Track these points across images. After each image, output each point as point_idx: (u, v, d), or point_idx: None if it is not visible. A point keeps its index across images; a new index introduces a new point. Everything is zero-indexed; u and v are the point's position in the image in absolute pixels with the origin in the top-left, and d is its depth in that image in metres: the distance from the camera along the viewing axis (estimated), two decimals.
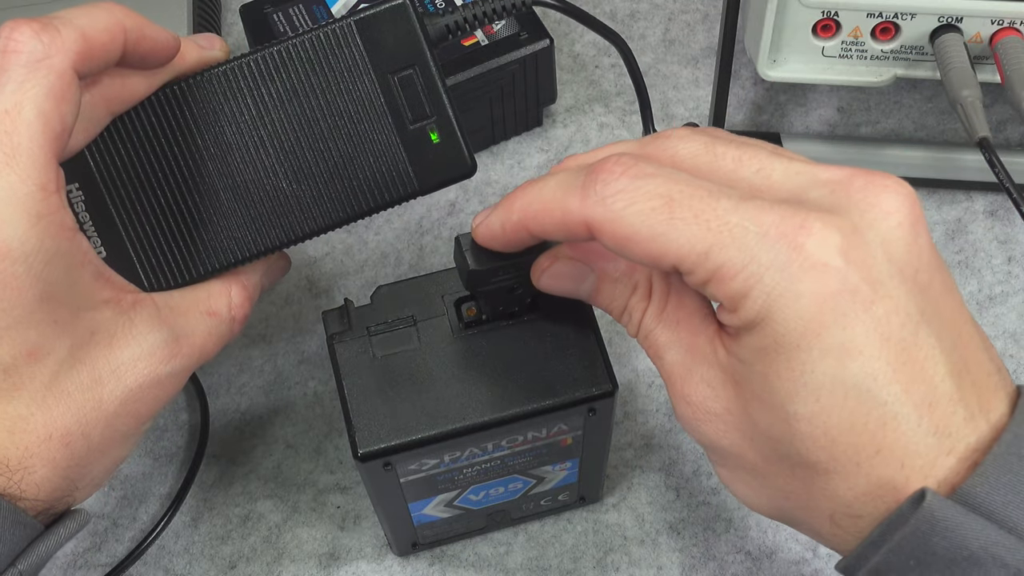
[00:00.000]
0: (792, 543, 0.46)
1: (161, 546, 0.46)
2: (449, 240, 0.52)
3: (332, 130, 0.37)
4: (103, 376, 0.34)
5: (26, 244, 0.31)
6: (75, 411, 0.34)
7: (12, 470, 0.33)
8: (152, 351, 0.35)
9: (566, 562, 0.46)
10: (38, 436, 0.33)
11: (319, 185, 0.37)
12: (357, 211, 0.38)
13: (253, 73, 0.37)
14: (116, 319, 0.35)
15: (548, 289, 0.35)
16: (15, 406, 0.33)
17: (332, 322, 0.39)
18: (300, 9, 0.53)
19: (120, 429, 0.35)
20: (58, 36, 0.32)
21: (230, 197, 0.37)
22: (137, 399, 0.35)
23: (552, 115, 0.56)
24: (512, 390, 0.37)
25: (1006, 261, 0.52)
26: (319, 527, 0.47)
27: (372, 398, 0.37)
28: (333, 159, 0.37)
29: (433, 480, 0.40)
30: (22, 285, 0.31)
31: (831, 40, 0.46)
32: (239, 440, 0.49)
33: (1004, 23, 0.44)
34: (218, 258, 0.38)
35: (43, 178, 0.31)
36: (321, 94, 0.37)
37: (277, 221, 0.38)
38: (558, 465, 0.42)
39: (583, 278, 0.34)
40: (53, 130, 0.32)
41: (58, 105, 0.32)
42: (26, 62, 0.31)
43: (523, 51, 0.51)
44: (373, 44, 0.37)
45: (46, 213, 0.31)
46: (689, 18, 0.59)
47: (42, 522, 0.34)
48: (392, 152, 0.37)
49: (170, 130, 0.37)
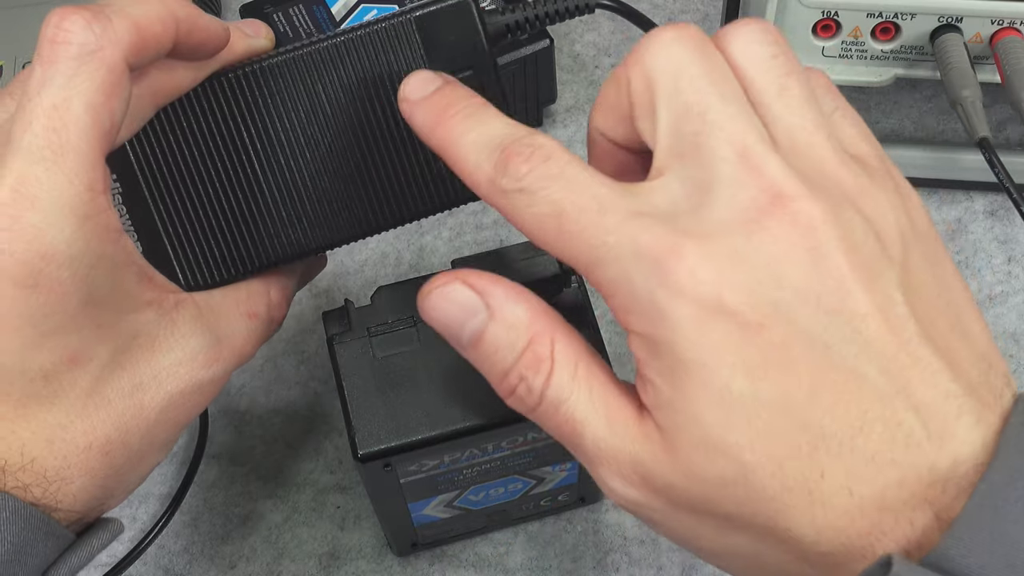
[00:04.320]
0: None
1: (161, 546, 0.46)
2: (449, 240, 0.52)
3: (384, 131, 0.35)
4: (144, 382, 0.33)
5: (72, 247, 0.29)
6: (115, 419, 0.33)
7: (49, 480, 0.31)
8: (194, 355, 0.34)
9: (566, 562, 0.46)
10: (77, 446, 0.32)
11: (368, 187, 0.36)
12: (407, 215, 0.36)
13: (307, 68, 0.35)
14: (159, 321, 0.33)
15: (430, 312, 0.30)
16: (55, 414, 0.32)
17: (332, 322, 0.39)
18: (300, 9, 0.53)
19: (159, 436, 0.34)
20: (110, 26, 0.30)
21: (275, 195, 0.36)
22: (178, 405, 0.34)
23: (552, 115, 0.56)
24: None
25: (1006, 261, 0.52)
26: (319, 527, 0.47)
27: (372, 398, 0.37)
28: (385, 161, 0.36)
29: (433, 480, 0.40)
30: (66, 290, 0.30)
31: (831, 40, 0.46)
32: (239, 440, 0.49)
33: (1004, 23, 0.44)
34: (259, 257, 0.36)
35: (91, 178, 0.30)
36: (375, 93, 0.35)
37: (323, 222, 0.36)
38: (558, 466, 0.42)
39: (471, 312, 0.29)
40: (103, 127, 0.30)
41: (108, 100, 0.30)
42: (76, 54, 0.29)
43: (523, 51, 0.51)
44: (432, 42, 0.35)
45: (93, 214, 0.30)
46: (689, 18, 0.59)
47: (74, 531, 0.33)
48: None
49: (216, 124, 0.35)
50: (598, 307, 0.50)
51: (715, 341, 0.26)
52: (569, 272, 0.37)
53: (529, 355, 0.29)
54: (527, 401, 0.29)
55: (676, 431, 0.27)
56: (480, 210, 0.53)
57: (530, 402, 0.29)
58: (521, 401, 0.29)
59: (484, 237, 0.53)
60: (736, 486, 0.27)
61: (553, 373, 0.28)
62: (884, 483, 0.26)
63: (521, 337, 0.29)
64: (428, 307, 0.30)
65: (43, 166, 0.29)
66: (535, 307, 0.29)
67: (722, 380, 0.26)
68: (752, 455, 0.26)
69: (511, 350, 0.29)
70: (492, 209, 0.53)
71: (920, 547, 0.25)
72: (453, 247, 0.52)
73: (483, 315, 0.29)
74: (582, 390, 0.28)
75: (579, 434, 0.28)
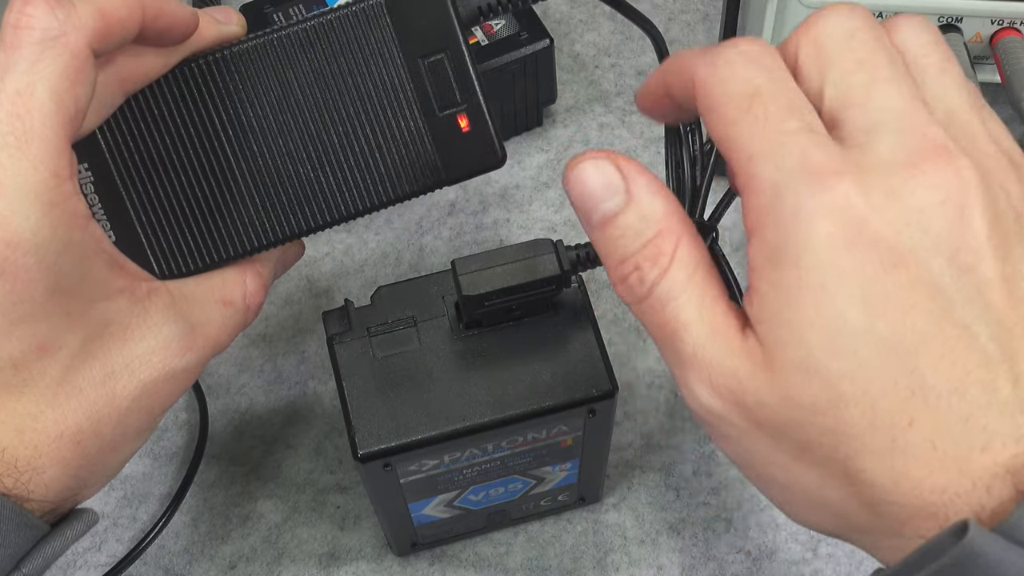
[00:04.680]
0: (792, 543, 0.46)
1: (161, 546, 0.46)
2: (449, 240, 0.52)
3: (357, 115, 0.35)
4: (116, 370, 0.33)
5: (38, 235, 0.30)
6: (87, 408, 0.33)
7: (20, 471, 0.32)
8: (167, 344, 0.34)
9: (566, 562, 0.46)
10: (48, 435, 0.32)
11: (342, 172, 0.36)
12: (381, 200, 0.36)
13: (276, 53, 0.35)
14: (130, 309, 0.33)
15: (575, 181, 0.30)
16: (24, 403, 0.32)
17: (332, 322, 0.39)
18: (300, 9, 0.53)
19: (132, 425, 0.34)
20: (74, 11, 0.30)
21: (248, 182, 0.36)
22: (151, 394, 0.34)
23: (552, 115, 0.56)
24: (512, 391, 0.37)
25: None
26: (319, 527, 0.47)
27: (372, 398, 0.37)
28: (357, 145, 0.36)
29: (433, 480, 0.40)
30: (33, 277, 0.30)
31: None
32: (239, 440, 0.49)
33: (1004, 23, 0.44)
34: (234, 245, 0.36)
35: (56, 164, 0.30)
36: (346, 77, 0.35)
37: (297, 208, 0.36)
38: (558, 466, 0.42)
39: (612, 192, 0.29)
40: (67, 113, 0.30)
41: (73, 86, 0.30)
42: (40, 39, 0.30)
43: (523, 51, 0.51)
44: (403, 25, 0.35)
45: (59, 201, 0.30)
46: (689, 18, 0.59)
47: (48, 522, 0.33)
48: (419, 140, 0.36)
49: (187, 110, 0.35)
50: (598, 307, 0.51)
51: (844, 266, 0.26)
52: (569, 272, 0.37)
53: (652, 247, 0.28)
54: (636, 291, 0.29)
55: (778, 348, 0.27)
56: (480, 210, 0.53)
57: (639, 292, 0.29)
58: (630, 290, 0.29)
59: (484, 237, 0.53)
60: (826, 415, 0.27)
61: (670, 270, 0.28)
62: (969, 445, 0.26)
63: (650, 228, 0.29)
64: (574, 177, 0.29)
65: (6, 152, 0.29)
66: (672, 206, 0.29)
67: (839, 306, 0.26)
68: (851, 386, 0.26)
69: (637, 238, 0.29)
70: (492, 209, 0.54)
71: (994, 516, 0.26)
72: (453, 247, 0.52)
73: (621, 198, 0.29)
74: (693, 294, 0.28)
75: (679, 336, 0.28)
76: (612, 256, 0.29)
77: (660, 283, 0.28)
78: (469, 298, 0.36)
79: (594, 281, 0.51)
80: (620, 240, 0.29)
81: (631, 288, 0.29)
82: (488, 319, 0.38)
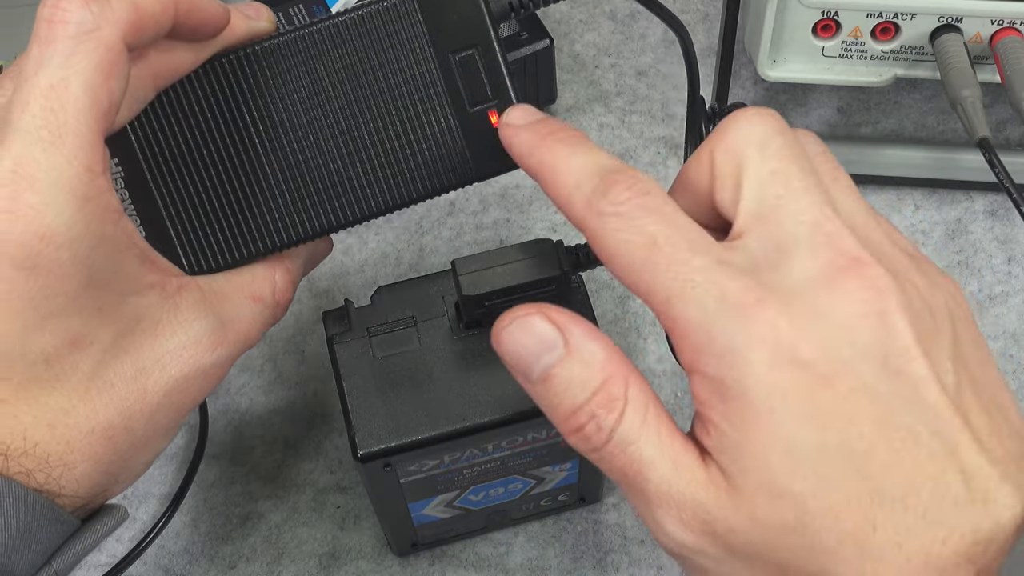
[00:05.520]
0: None
1: (161, 546, 0.46)
2: (449, 240, 0.52)
3: (387, 110, 0.35)
4: (147, 366, 0.33)
5: (72, 229, 0.29)
6: (118, 403, 0.32)
7: (52, 466, 0.31)
8: (198, 339, 0.34)
9: (566, 562, 0.46)
10: (80, 430, 0.32)
11: (372, 168, 0.36)
12: (411, 196, 0.36)
13: (307, 48, 0.35)
14: (161, 304, 0.33)
15: (507, 342, 0.30)
16: (56, 398, 0.31)
17: (332, 322, 0.39)
18: (300, 9, 0.53)
19: (162, 422, 0.34)
20: (108, 5, 0.30)
21: (278, 177, 0.36)
22: (181, 390, 0.34)
23: (552, 115, 0.56)
24: (512, 391, 0.37)
25: (1006, 261, 0.52)
26: (319, 527, 0.47)
27: (372, 398, 0.37)
28: (387, 141, 0.36)
29: (433, 480, 0.40)
30: (66, 272, 0.30)
31: (831, 40, 0.46)
32: (239, 440, 0.49)
33: (1004, 23, 0.44)
34: (264, 241, 0.36)
35: (90, 159, 0.30)
36: (377, 72, 0.35)
37: (327, 204, 0.36)
38: (558, 466, 0.42)
39: (549, 347, 0.29)
40: (101, 107, 0.30)
41: (107, 80, 0.30)
42: (74, 33, 0.29)
43: (523, 51, 0.51)
44: (434, 21, 0.35)
45: (92, 196, 0.30)
46: (689, 18, 0.59)
47: (78, 517, 0.32)
48: (450, 136, 0.35)
49: (217, 106, 0.35)
50: (598, 307, 0.50)
51: (786, 389, 0.27)
52: (569, 272, 0.37)
53: (604, 394, 0.28)
54: (593, 440, 0.29)
55: (741, 475, 0.27)
56: (480, 210, 0.53)
57: (597, 441, 0.29)
58: (587, 439, 0.29)
59: (484, 237, 0.53)
60: (795, 534, 0.27)
61: (625, 412, 0.28)
62: (931, 540, 0.26)
63: (596, 376, 0.29)
64: (505, 338, 0.30)
65: (41, 147, 0.29)
66: (610, 348, 0.29)
67: (790, 427, 0.27)
68: (815, 502, 0.27)
69: (584, 388, 0.29)
70: (492, 209, 0.54)
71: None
72: (453, 247, 0.52)
73: (560, 351, 0.29)
74: (651, 432, 0.28)
75: (644, 476, 0.28)
76: (559, 408, 0.29)
77: (618, 428, 0.28)
78: (469, 298, 0.36)
79: (594, 281, 0.51)
80: (566, 392, 0.29)
81: (587, 437, 0.29)
82: (488, 319, 0.38)
